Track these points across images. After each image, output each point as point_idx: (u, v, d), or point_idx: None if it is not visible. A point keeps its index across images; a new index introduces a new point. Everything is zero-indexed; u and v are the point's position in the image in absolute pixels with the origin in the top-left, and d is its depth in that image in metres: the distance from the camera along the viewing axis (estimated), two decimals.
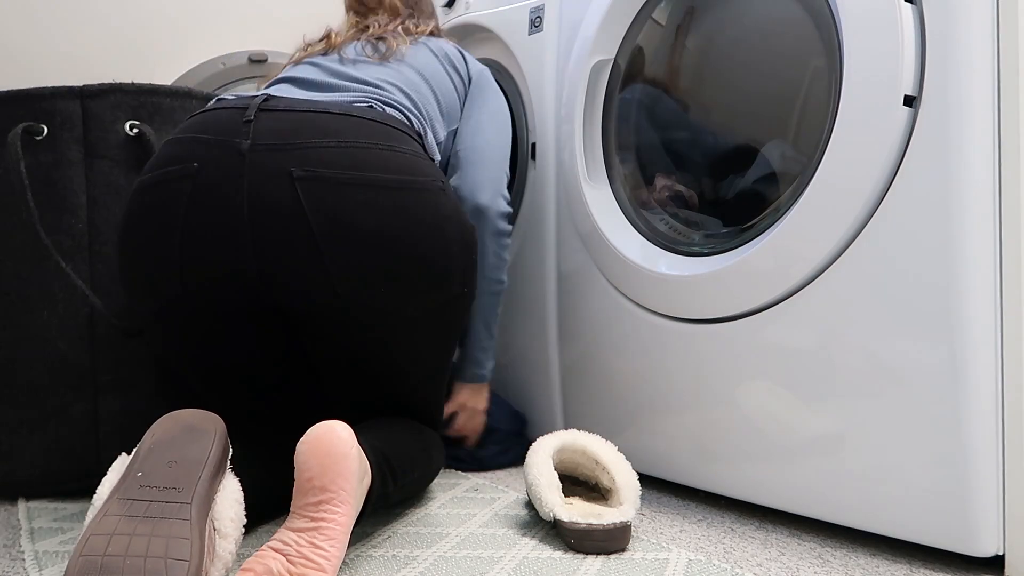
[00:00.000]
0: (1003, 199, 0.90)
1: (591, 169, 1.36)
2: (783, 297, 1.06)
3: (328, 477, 0.80)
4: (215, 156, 0.97)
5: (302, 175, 0.95)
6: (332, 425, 0.83)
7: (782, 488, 1.07)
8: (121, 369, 1.19)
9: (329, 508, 0.80)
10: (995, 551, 0.89)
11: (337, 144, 0.98)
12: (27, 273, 1.17)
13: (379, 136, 1.02)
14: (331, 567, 0.77)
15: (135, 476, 0.78)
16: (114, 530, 0.72)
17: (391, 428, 1.07)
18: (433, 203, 1.02)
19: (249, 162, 0.96)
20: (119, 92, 1.20)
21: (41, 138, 1.17)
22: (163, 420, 0.86)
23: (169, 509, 0.75)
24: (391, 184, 0.99)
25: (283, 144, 0.97)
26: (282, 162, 0.96)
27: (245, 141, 0.97)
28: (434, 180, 1.04)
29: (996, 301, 0.90)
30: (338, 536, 0.79)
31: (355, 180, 0.97)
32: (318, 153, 0.97)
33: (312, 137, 0.98)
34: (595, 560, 0.93)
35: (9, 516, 1.12)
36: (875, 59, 0.95)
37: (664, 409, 1.22)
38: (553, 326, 1.45)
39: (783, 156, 1.10)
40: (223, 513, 0.81)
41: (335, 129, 0.99)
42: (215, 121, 1.00)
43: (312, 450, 0.81)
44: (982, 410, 0.89)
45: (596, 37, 1.34)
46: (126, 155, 1.20)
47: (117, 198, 1.19)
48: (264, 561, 0.76)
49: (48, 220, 1.17)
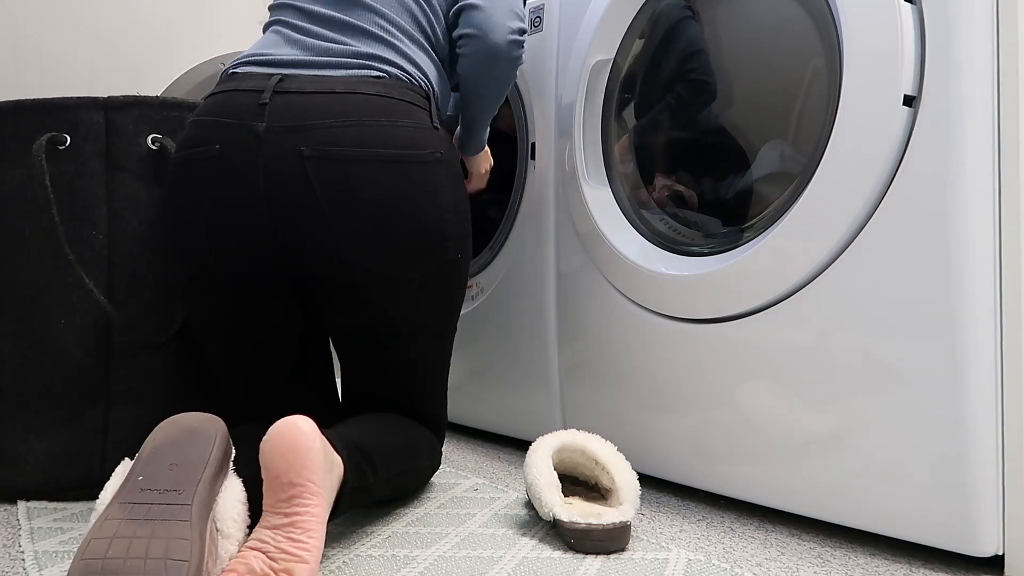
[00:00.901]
0: (1003, 199, 0.90)
1: (591, 169, 1.36)
2: (783, 297, 1.06)
3: (294, 471, 0.81)
4: (235, 138, 1.06)
5: (310, 154, 1.04)
6: (293, 420, 0.84)
7: (782, 488, 1.06)
8: (135, 379, 1.20)
9: (300, 502, 0.81)
10: (995, 551, 0.89)
11: (342, 124, 1.06)
12: (44, 281, 1.18)
13: (382, 113, 1.09)
14: (312, 557, 0.78)
15: (136, 480, 0.79)
16: (114, 533, 0.72)
17: (368, 422, 1.09)
18: (430, 174, 1.10)
19: (265, 142, 1.05)
20: (143, 105, 1.21)
21: (64, 148, 1.18)
22: (164, 424, 0.86)
23: (169, 511, 0.75)
24: (390, 158, 1.07)
25: (294, 126, 1.05)
26: (293, 142, 1.05)
27: (260, 124, 1.05)
28: (432, 152, 1.11)
29: (996, 301, 0.90)
30: (314, 527, 0.80)
31: (358, 156, 1.05)
32: (325, 133, 1.05)
33: (321, 118, 1.06)
34: (595, 560, 0.93)
35: (9, 516, 1.12)
36: (875, 59, 0.95)
37: (664, 409, 1.22)
38: (553, 326, 1.45)
39: (783, 156, 1.10)
40: (225, 513, 0.81)
41: (342, 109, 1.07)
42: (233, 104, 1.08)
43: (275, 447, 0.82)
44: (982, 410, 0.89)
45: (596, 37, 1.34)
46: (147, 169, 1.21)
47: (137, 211, 1.20)
48: (245, 561, 0.77)
49: (69, 230, 1.18)
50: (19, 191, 1.18)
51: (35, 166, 1.15)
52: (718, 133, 1.20)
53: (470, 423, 1.69)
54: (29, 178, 1.18)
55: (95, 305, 1.18)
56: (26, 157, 1.18)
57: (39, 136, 1.17)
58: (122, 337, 1.19)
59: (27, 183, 1.18)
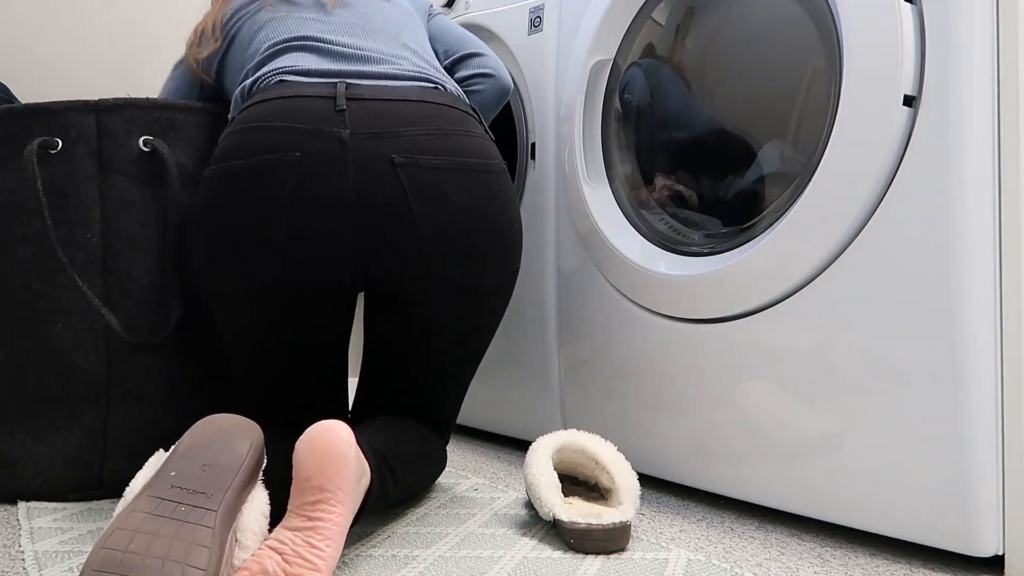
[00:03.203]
0: (1003, 198, 0.90)
1: (591, 169, 1.36)
2: (783, 297, 1.06)
3: (326, 476, 0.80)
4: (317, 146, 1.02)
5: (402, 161, 1.03)
6: (331, 424, 0.83)
7: (782, 488, 1.07)
8: (133, 381, 1.20)
9: (326, 508, 0.80)
10: (995, 551, 0.89)
11: (426, 132, 1.06)
12: (39, 285, 1.17)
13: (456, 122, 1.10)
14: (326, 567, 0.77)
15: (168, 475, 0.78)
16: (139, 527, 0.73)
17: (393, 429, 1.07)
18: (505, 183, 1.13)
19: (352, 149, 1.02)
20: (133, 107, 1.21)
21: (56, 152, 1.18)
22: (203, 422, 0.86)
23: (195, 514, 0.75)
24: (475, 168, 1.09)
25: (380, 133, 1.04)
26: (382, 149, 1.03)
27: (344, 130, 1.03)
28: (501, 162, 1.15)
29: (996, 301, 0.90)
30: (334, 536, 0.79)
31: (447, 164, 1.06)
32: (412, 141, 1.05)
33: (404, 125, 1.06)
34: (595, 560, 0.93)
35: (9, 516, 1.12)
36: (875, 59, 0.95)
37: (664, 409, 1.22)
38: (553, 326, 1.45)
39: (783, 156, 1.10)
40: (247, 525, 0.81)
41: (420, 117, 1.07)
42: (305, 110, 1.04)
43: (310, 449, 0.81)
44: (982, 410, 0.89)
45: (596, 37, 1.34)
46: (140, 170, 1.20)
47: (130, 213, 1.20)
48: (260, 561, 0.77)
49: (62, 233, 1.18)
50: (11, 196, 1.18)
51: (27, 170, 1.14)
52: (718, 133, 1.20)
53: (470, 423, 1.69)
54: (21, 182, 1.18)
55: (90, 308, 1.18)
56: (18, 162, 1.18)
57: (30, 140, 1.17)
58: (119, 339, 1.19)
59: (19, 187, 1.18)
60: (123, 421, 1.19)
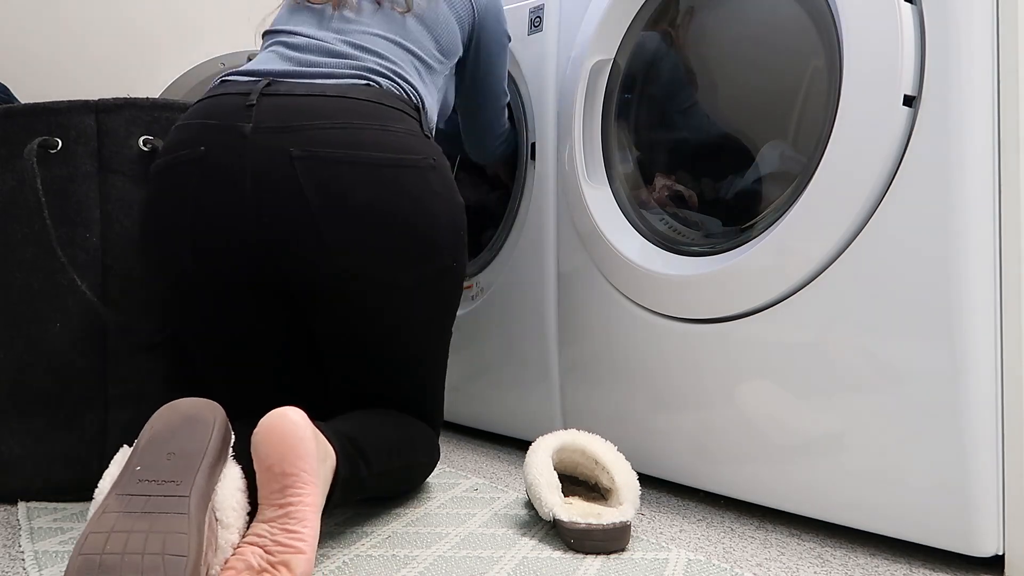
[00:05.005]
0: (1003, 199, 0.90)
1: (590, 169, 1.36)
2: (782, 297, 1.06)
3: (287, 461, 0.81)
4: (220, 140, 1.03)
5: (300, 154, 1.02)
6: (284, 411, 0.84)
7: (782, 488, 1.07)
8: (132, 381, 1.20)
9: (294, 491, 0.80)
10: (995, 551, 0.89)
11: (332, 125, 1.04)
12: (38, 285, 1.17)
13: (373, 117, 1.07)
14: (308, 547, 0.78)
15: (134, 470, 0.78)
16: (112, 527, 0.72)
17: (363, 416, 1.08)
18: (423, 179, 1.08)
19: (251, 143, 1.02)
20: (133, 107, 1.21)
21: (56, 152, 1.18)
22: (162, 411, 0.85)
23: (167, 503, 0.74)
24: (383, 162, 1.05)
25: (283, 127, 1.03)
26: (282, 143, 1.02)
27: (247, 124, 1.03)
28: (425, 158, 1.09)
29: (996, 301, 0.90)
30: (309, 516, 0.80)
31: (349, 158, 1.03)
32: (315, 134, 1.03)
33: (310, 119, 1.04)
34: (595, 560, 0.93)
35: (9, 516, 1.12)
36: (875, 59, 0.95)
37: (663, 409, 1.22)
38: (553, 326, 1.45)
39: (782, 156, 1.10)
40: (224, 502, 0.81)
41: (331, 111, 1.05)
42: (219, 107, 1.06)
43: (267, 438, 0.82)
44: (982, 410, 0.89)
45: (596, 37, 1.34)
46: (140, 170, 1.20)
47: (130, 213, 1.20)
48: (243, 557, 0.77)
49: (62, 234, 1.18)
50: (10, 196, 1.18)
51: (27, 171, 1.14)
52: (718, 133, 1.20)
53: (470, 423, 1.68)
54: (21, 183, 1.18)
55: (90, 308, 1.18)
56: (17, 162, 1.18)
57: (30, 140, 1.17)
58: (118, 339, 1.19)
59: (19, 188, 1.18)
60: (123, 422, 1.19)
